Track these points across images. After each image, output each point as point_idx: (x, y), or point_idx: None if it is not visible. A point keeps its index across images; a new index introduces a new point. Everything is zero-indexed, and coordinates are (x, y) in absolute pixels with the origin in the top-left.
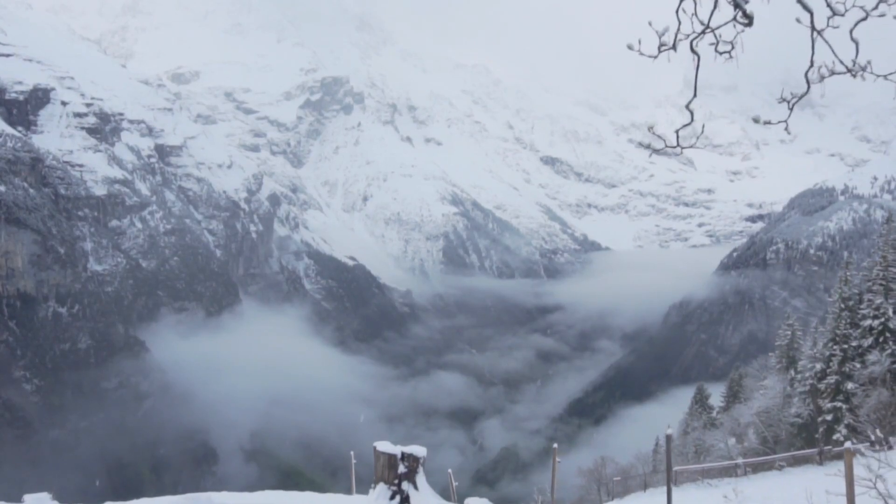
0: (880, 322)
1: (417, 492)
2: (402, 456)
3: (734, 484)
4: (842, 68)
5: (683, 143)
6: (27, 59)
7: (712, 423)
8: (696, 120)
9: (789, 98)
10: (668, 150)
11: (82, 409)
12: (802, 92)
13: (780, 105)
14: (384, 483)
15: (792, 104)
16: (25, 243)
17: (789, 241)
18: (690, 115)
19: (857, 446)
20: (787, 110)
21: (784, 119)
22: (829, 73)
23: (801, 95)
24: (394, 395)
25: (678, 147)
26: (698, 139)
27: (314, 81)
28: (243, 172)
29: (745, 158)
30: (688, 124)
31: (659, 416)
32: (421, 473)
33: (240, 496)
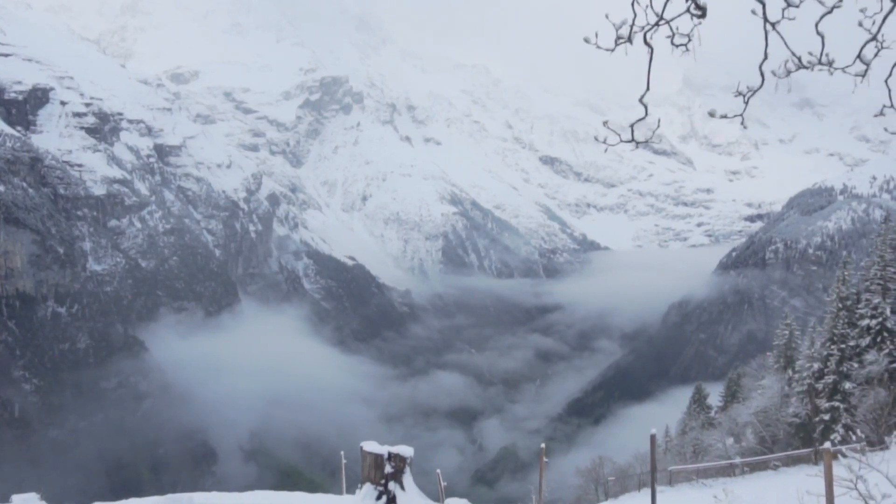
0: (878, 322)
1: (404, 492)
2: (389, 456)
3: (728, 484)
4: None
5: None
6: (26, 59)
7: (710, 423)
8: (694, 120)
9: (745, 92)
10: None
11: (81, 409)
12: (757, 86)
13: (779, 104)
14: (371, 483)
15: (747, 98)
16: (24, 243)
17: (788, 241)
18: (644, 108)
19: (838, 447)
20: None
21: (740, 113)
22: (796, 68)
23: (757, 89)
24: (393, 395)
25: (633, 142)
26: (654, 133)
27: (313, 81)
28: (242, 172)
29: (745, 158)
30: (642, 118)
31: (658, 416)
32: (408, 473)
33: (225, 496)
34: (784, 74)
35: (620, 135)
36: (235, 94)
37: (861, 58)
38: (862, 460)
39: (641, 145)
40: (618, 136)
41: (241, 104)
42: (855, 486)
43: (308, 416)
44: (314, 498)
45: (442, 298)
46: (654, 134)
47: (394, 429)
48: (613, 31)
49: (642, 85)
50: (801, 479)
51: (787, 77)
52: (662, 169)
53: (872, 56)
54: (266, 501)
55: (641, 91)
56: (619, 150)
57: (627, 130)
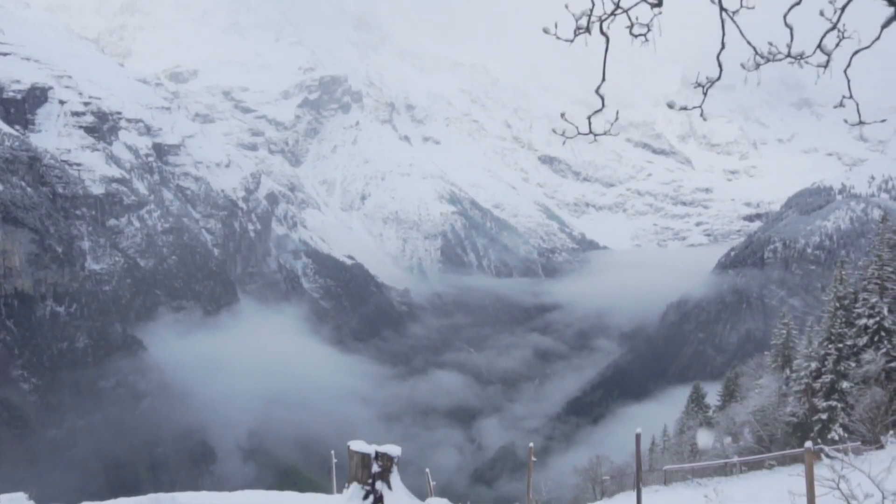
0: (875, 321)
1: (391, 491)
2: (376, 455)
3: (722, 483)
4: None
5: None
6: (25, 58)
7: (708, 422)
8: (693, 119)
9: (704, 83)
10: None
11: (80, 409)
12: (715, 77)
13: (778, 104)
14: (358, 482)
15: (706, 88)
16: (23, 242)
17: (787, 241)
18: (601, 100)
19: (820, 446)
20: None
21: (699, 105)
22: (765, 60)
23: (715, 80)
24: (392, 394)
25: (591, 134)
26: (612, 126)
27: (312, 80)
28: (241, 171)
29: (743, 157)
30: (599, 110)
31: (657, 415)
32: (395, 473)
33: (213, 495)
34: (753, 67)
35: (578, 127)
36: (234, 94)
37: (822, 48)
38: (845, 460)
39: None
40: (576, 128)
41: (239, 103)
42: (837, 485)
43: (307, 416)
44: (303, 497)
45: (441, 298)
46: (612, 126)
47: (392, 428)
48: (574, 22)
49: (640, 84)
50: (795, 478)
51: (756, 70)
52: (661, 168)
53: (834, 46)
54: (254, 501)
55: (639, 90)
56: (618, 150)
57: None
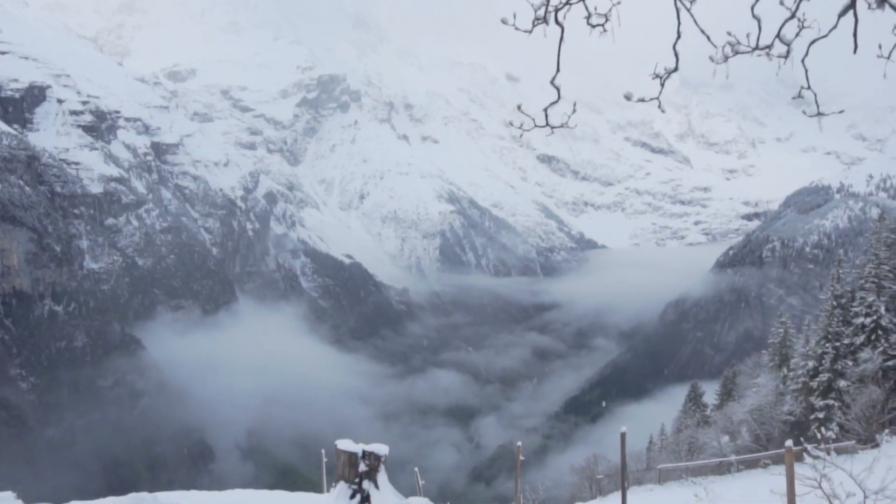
0: (872, 320)
1: (378, 490)
2: (364, 454)
3: (717, 482)
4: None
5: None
6: (23, 57)
7: (706, 421)
8: (691, 118)
9: (662, 74)
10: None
11: (78, 408)
12: (672, 67)
13: (776, 103)
14: (345, 482)
15: (664, 80)
16: (21, 241)
17: (785, 239)
18: (556, 91)
19: (803, 446)
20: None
21: (656, 96)
22: (733, 53)
23: (672, 70)
24: (390, 393)
25: (548, 126)
26: (570, 118)
27: (311, 79)
28: (240, 170)
29: (742, 156)
30: (555, 102)
31: (655, 414)
32: (382, 472)
33: (200, 495)
34: (721, 60)
35: (535, 119)
36: (233, 93)
37: (781, 38)
38: (827, 459)
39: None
40: (532, 120)
41: (238, 102)
42: (819, 484)
43: (305, 415)
44: (292, 497)
45: (439, 297)
46: (570, 118)
47: (391, 427)
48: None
49: (639, 83)
50: (781, 477)
51: (724, 62)
52: (660, 167)
53: (794, 36)
54: (242, 500)
55: (638, 89)
56: (616, 149)
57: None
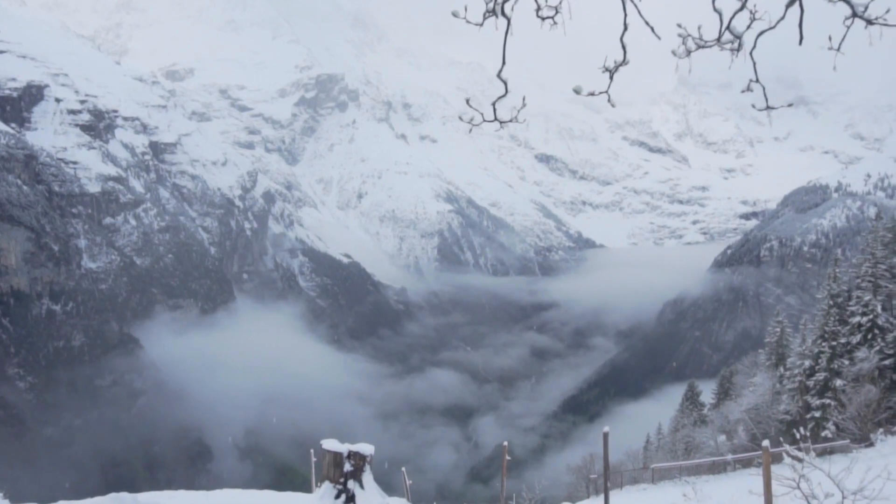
0: (869, 319)
1: (363, 490)
2: (349, 454)
3: (708, 482)
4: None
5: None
6: (21, 56)
7: (702, 421)
8: (689, 118)
9: (612, 67)
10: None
11: (76, 407)
12: (620, 61)
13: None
14: (330, 481)
15: (613, 72)
16: (19, 240)
17: (783, 239)
18: (504, 85)
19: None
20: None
21: (605, 90)
22: (696, 47)
23: (620, 64)
24: (388, 393)
25: (496, 121)
26: (519, 112)
27: (309, 79)
28: (238, 170)
29: (740, 156)
30: (503, 96)
31: (653, 413)
32: (368, 472)
33: (187, 495)
34: (684, 54)
35: (483, 114)
36: (231, 92)
37: (731, 30)
38: (806, 459)
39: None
40: (481, 115)
41: (236, 101)
42: (797, 485)
43: (303, 414)
44: (279, 496)
45: (437, 296)
46: (519, 112)
47: (389, 426)
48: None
49: (637, 82)
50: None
51: (687, 57)
52: (658, 167)
53: (745, 28)
54: (229, 500)
55: (636, 88)
56: (614, 148)
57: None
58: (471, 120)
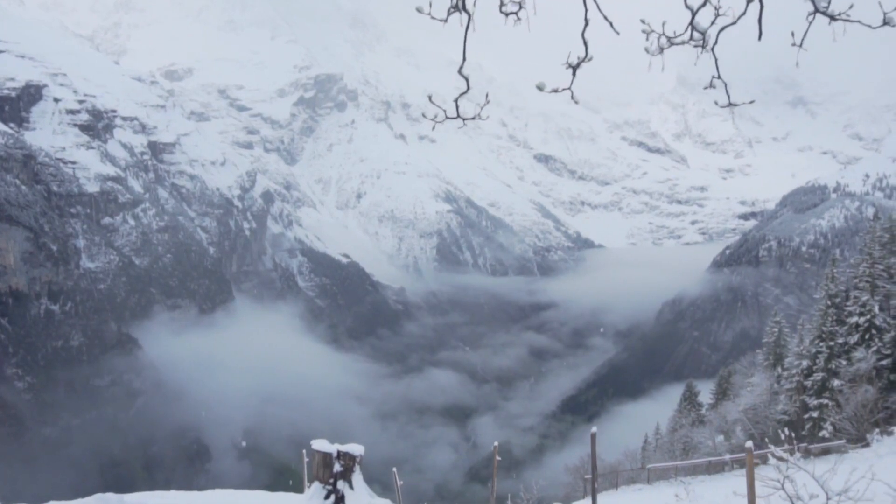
0: (866, 319)
1: (353, 491)
2: (338, 454)
3: (704, 482)
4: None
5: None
6: (19, 56)
7: (700, 421)
8: (688, 118)
9: (574, 62)
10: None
11: (75, 407)
12: (584, 56)
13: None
14: (319, 482)
15: (576, 68)
16: (17, 240)
17: (782, 239)
18: (465, 81)
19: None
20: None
21: (568, 86)
22: (669, 44)
23: (583, 60)
24: (387, 393)
25: (459, 118)
26: (482, 109)
27: (308, 79)
28: (237, 170)
29: (738, 156)
30: (464, 92)
31: (651, 413)
32: (357, 472)
33: (172, 495)
34: (657, 51)
35: (446, 111)
36: (229, 92)
37: (694, 25)
38: (791, 460)
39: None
40: (444, 112)
41: (235, 101)
42: (782, 486)
43: (302, 414)
44: (271, 496)
45: (436, 296)
46: (482, 109)
47: (388, 426)
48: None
49: (636, 82)
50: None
51: (660, 54)
52: (656, 167)
53: (709, 24)
54: (219, 500)
55: (634, 88)
56: (613, 148)
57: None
58: (434, 117)
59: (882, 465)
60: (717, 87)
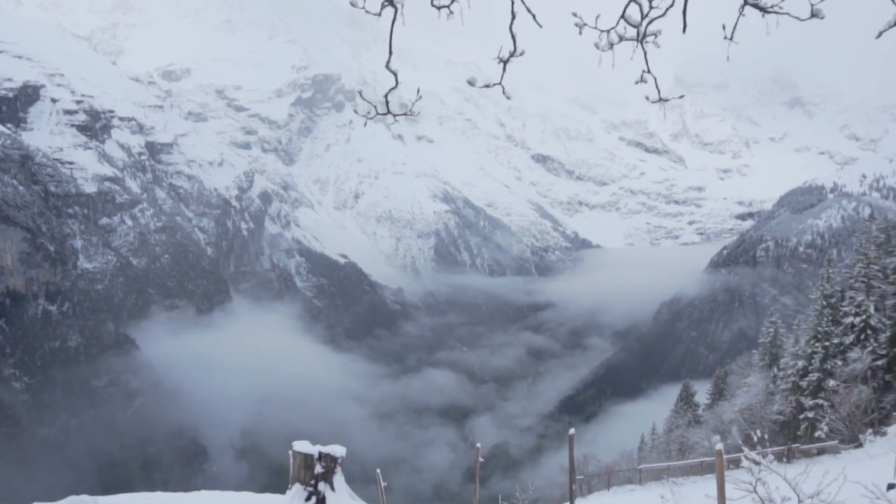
0: (862, 319)
1: (334, 492)
2: (320, 456)
3: (693, 483)
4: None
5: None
6: (17, 56)
7: (697, 421)
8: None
9: (505, 57)
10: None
11: (72, 407)
12: (512, 51)
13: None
14: (300, 483)
15: (506, 63)
16: (15, 241)
17: (779, 239)
18: (394, 76)
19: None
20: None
21: (498, 82)
22: (619, 39)
23: (512, 54)
24: (385, 393)
25: (389, 113)
26: (414, 105)
27: (305, 79)
28: (234, 170)
29: (736, 156)
30: (393, 88)
31: (649, 414)
32: (339, 473)
33: (158, 497)
34: (606, 47)
35: (377, 107)
36: (227, 92)
37: (626, 18)
38: (763, 463)
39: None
40: (374, 108)
41: (232, 102)
42: (754, 488)
43: (300, 414)
44: (254, 498)
45: (434, 296)
46: (414, 104)
47: (385, 427)
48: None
49: (633, 82)
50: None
51: (610, 49)
52: (654, 167)
53: (640, 17)
54: (202, 502)
55: (632, 88)
56: (611, 149)
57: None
58: (367, 113)
59: (874, 466)
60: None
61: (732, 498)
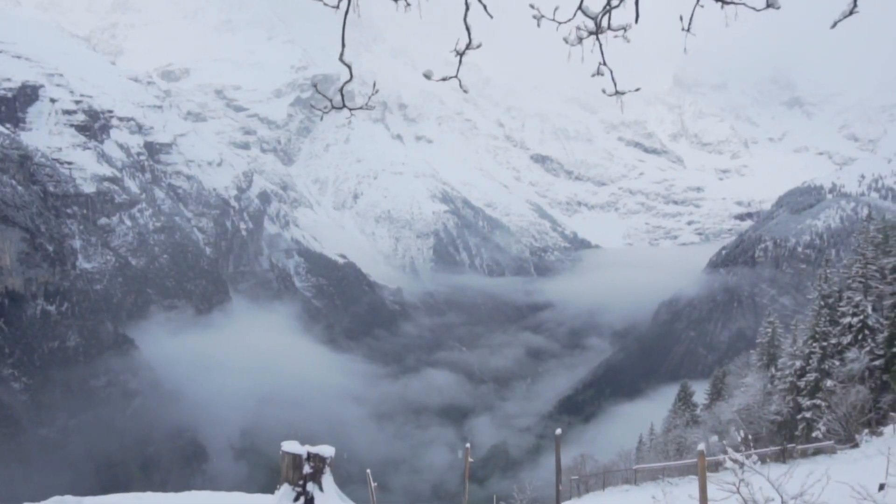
0: (859, 319)
1: (322, 493)
2: (308, 456)
3: (689, 482)
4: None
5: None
6: (15, 56)
7: (695, 421)
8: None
9: (461, 50)
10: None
11: (71, 408)
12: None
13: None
14: (289, 483)
15: (461, 55)
16: (14, 241)
17: (777, 239)
18: (348, 70)
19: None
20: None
21: (454, 75)
22: (587, 34)
23: (468, 45)
24: (384, 393)
25: (345, 108)
26: (370, 99)
27: (304, 79)
28: (233, 170)
29: (735, 157)
30: (348, 81)
31: (648, 414)
32: (328, 474)
33: (149, 497)
34: (575, 42)
35: (332, 100)
36: (226, 92)
37: (583, 10)
38: (746, 463)
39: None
40: (329, 101)
41: (231, 102)
42: (737, 489)
43: (299, 415)
44: (244, 498)
45: (433, 296)
46: (370, 99)
47: (384, 427)
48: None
49: (633, 83)
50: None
51: (578, 44)
52: (653, 167)
53: (600, 10)
54: (194, 502)
55: (632, 88)
56: (609, 149)
57: (624, 129)
58: (324, 108)
59: (869, 466)
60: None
61: (716, 499)
